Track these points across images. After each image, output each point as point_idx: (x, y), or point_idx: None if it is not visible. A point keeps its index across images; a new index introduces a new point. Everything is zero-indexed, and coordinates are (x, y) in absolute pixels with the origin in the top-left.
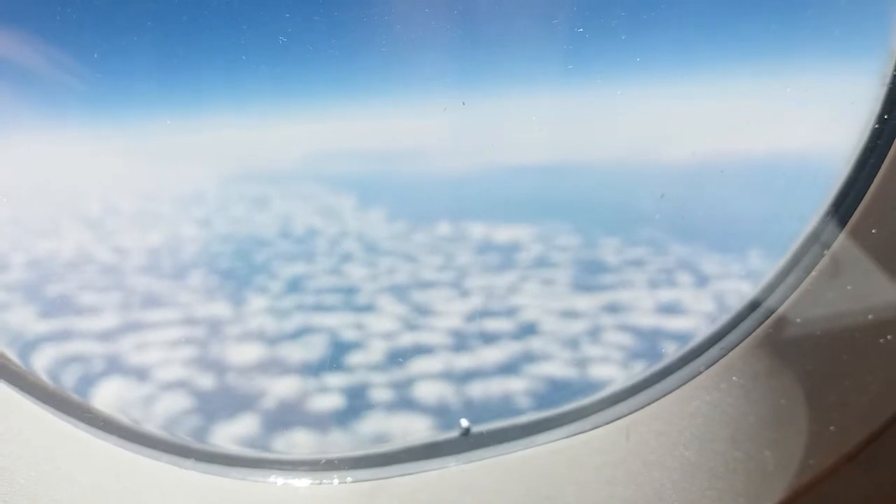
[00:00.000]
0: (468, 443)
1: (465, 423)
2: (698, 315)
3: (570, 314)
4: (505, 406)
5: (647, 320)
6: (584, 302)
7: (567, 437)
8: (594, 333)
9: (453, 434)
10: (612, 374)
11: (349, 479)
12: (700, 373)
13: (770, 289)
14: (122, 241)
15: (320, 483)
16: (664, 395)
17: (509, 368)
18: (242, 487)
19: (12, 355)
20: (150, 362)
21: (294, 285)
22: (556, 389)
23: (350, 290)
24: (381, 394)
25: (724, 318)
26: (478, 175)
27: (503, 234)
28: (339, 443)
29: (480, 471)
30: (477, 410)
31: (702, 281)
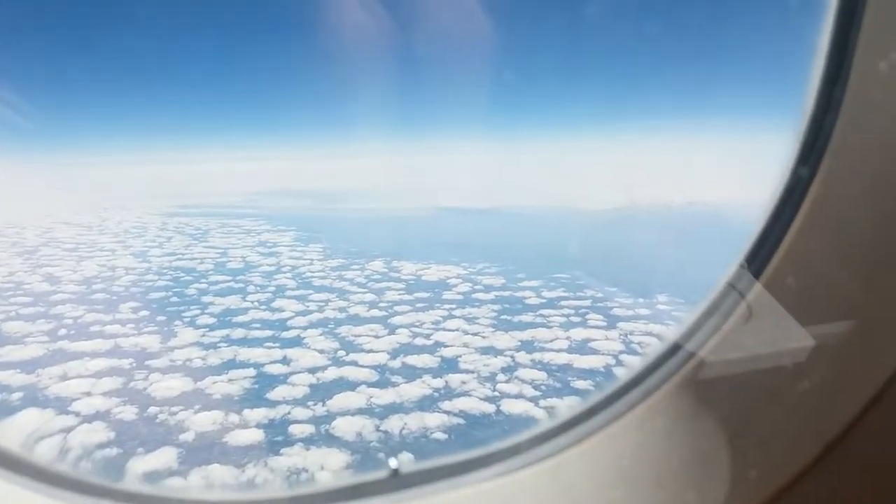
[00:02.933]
0: (397, 483)
1: (393, 463)
2: (608, 355)
3: (490, 350)
4: (421, 442)
5: (560, 358)
6: (504, 339)
7: (495, 477)
8: (510, 370)
9: (382, 474)
10: (525, 409)
11: None
12: (625, 413)
13: (690, 333)
14: (56, 270)
15: None
16: (591, 435)
17: (428, 404)
18: None
19: None
20: (71, 393)
21: (224, 319)
22: (472, 425)
23: (280, 325)
24: (301, 429)
25: (646, 361)
26: (414, 216)
27: (433, 273)
28: (258, 480)
29: None
30: (395, 446)
31: (612, 322)
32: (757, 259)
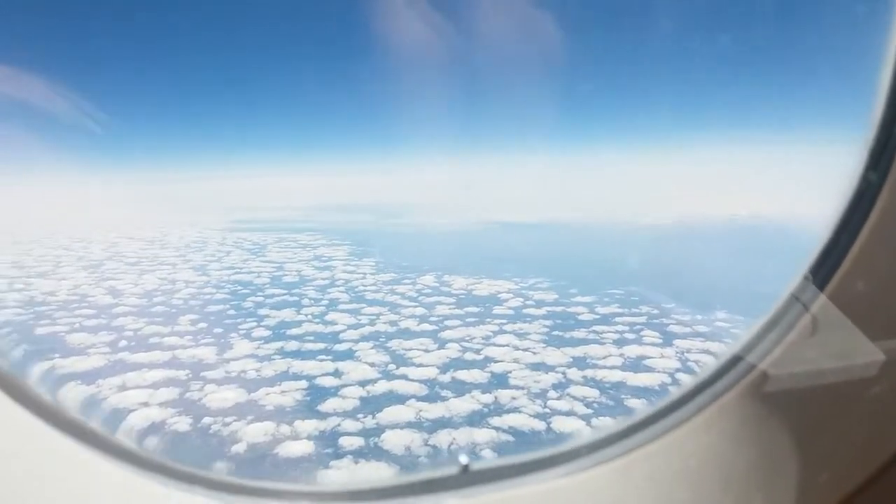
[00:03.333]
0: (466, 479)
1: (464, 459)
2: (663, 372)
3: (540, 367)
4: (470, 458)
5: (614, 375)
6: (555, 356)
7: (564, 476)
8: (562, 386)
9: (452, 470)
10: (576, 427)
11: None
12: (693, 416)
13: (755, 342)
14: (118, 284)
15: None
16: (658, 437)
17: (477, 419)
18: None
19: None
20: (129, 404)
21: (279, 331)
22: (521, 442)
23: (332, 338)
24: (350, 441)
25: (714, 366)
26: (467, 230)
27: (484, 288)
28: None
29: None
30: (443, 461)
31: (668, 339)
32: (822, 270)
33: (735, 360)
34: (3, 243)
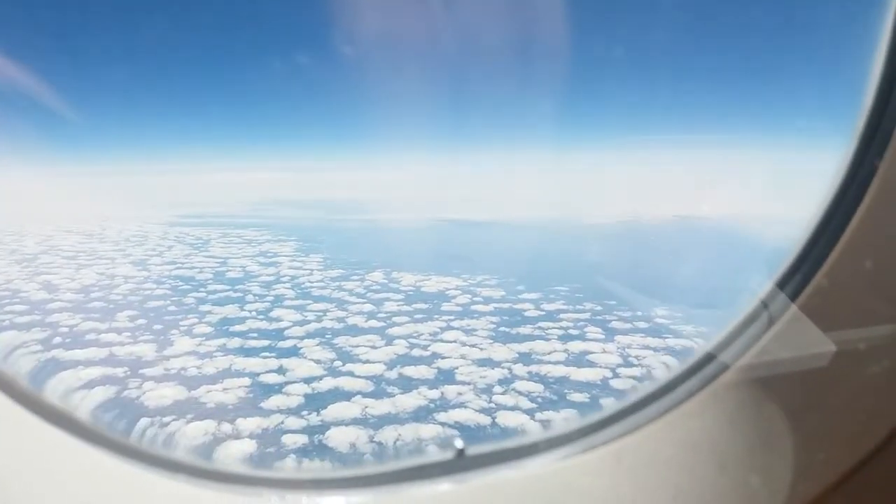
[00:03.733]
0: (462, 464)
1: (459, 444)
2: (605, 368)
3: (487, 362)
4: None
5: (558, 370)
6: (501, 351)
7: (559, 460)
8: (507, 382)
9: (448, 455)
10: (521, 421)
11: (346, 497)
12: (687, 399)
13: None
14: (54, 278)
15: (317, 501)
16: (653, 420)
17: (423, 415)
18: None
19: None
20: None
21: (222, 328)
22: (466, 437)
23: (277, 335)
24: (294, 439)
25: (707, 347)
26: (417, 228)
27: (433, 284)
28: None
29: (474, 491)
30: (389, 457)
31: (610, 335)
32: (794, 278)
33: (733, 336)
34: None
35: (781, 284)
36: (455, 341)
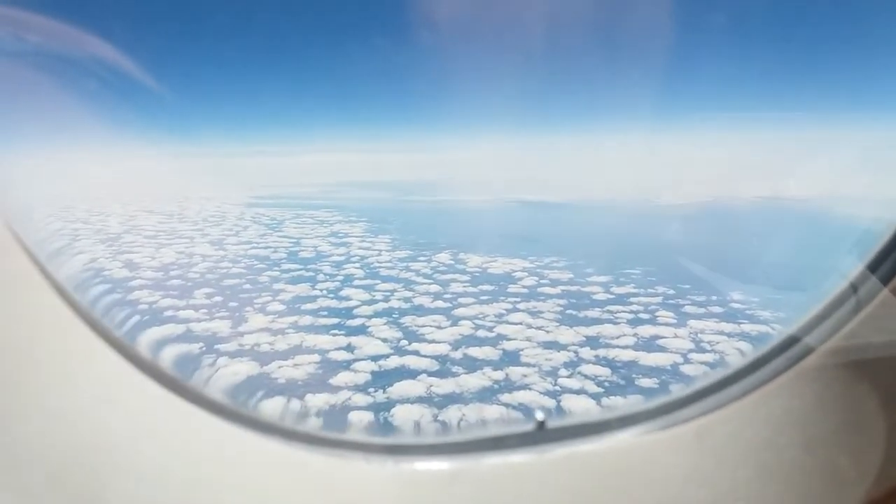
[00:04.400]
0: (542, 436)
1: (540, 416)
2: (676, 353)
3: (553, 345)
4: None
5: (626, 355)
6: (568, 334)
7: (640, 435)
8: (573, 365)
9: (528, 426)
10: (586, 405)
11: (428, 463)
12: (774, 377)
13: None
14: (135, 257)
15: (401, 466)
16: (737, 399)
17: (487, 396)
18: (328, 466)
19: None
20: None
21: (294, 306)
22: (529, 419)
23: (346, 313)
24: (360, 416)
25: (795, 326)
26: (486, 208)
27: (499, 266)
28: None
29: (553, 464)
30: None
31: (682, 320)
32: (886, 261)
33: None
34: (21, 217)
35: (872, 267)
36: (521, 323)
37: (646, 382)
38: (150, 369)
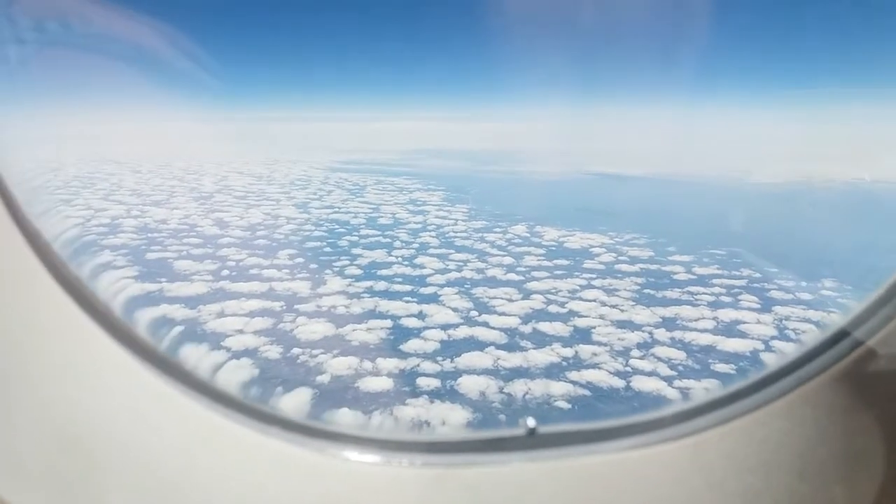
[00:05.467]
0: (533, 442)
1: (531, 422)
2: (758, 339)
3: (627, 325)
4: (544, 409)
5: (704, 339)
6: (644, 314)
7: (631, 448)
8: (646, 346)
9: (519, 431)
10: (657, 387)
11: (418, 462)
12: (774, 400)
13: (858, 322)
14: (225, 216)
15: (391, 462)
16: (735, 418)
17: (555, 372)
18: (320, 459)
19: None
20: (226, 330)
21: (370, 271)
22: (597, 397)
23: (420, 281)
24: (428, 382)
25: (804, 347)
26: (566, 181)
27: (577, 241)
28: (382, 426)
29: (543, 471)
30: (517, 409)
31: (767, 305)
32: None
33: (835, 337)
34: (124, 172)
35: None
36: (595, 300)
37: (722, 368)
38: (155, 359)
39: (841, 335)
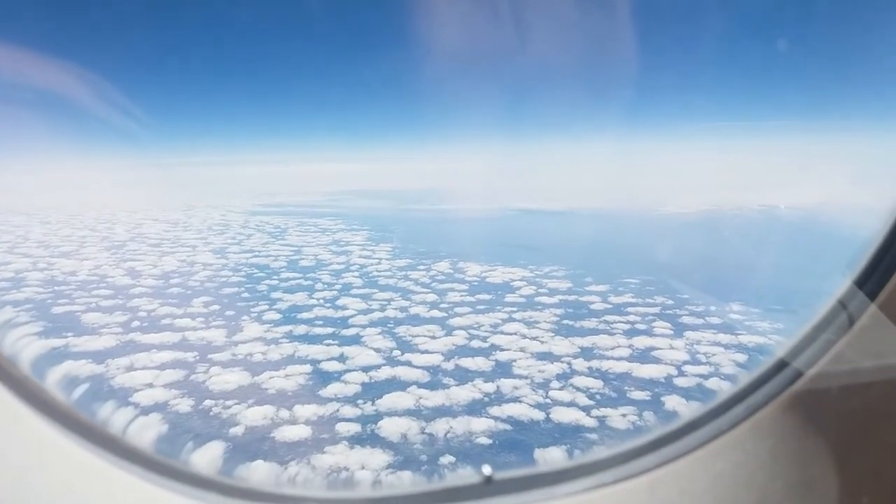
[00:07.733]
0: (490, 490)
1: (487, 470)
2: (671, 364)
3: (546, 356)
4: (465, 447)
5: (620, 367)
6: (563, 345)
7: (587, 490)
8: (565, 377)
9: (475, 480)
10: (576, 418)
11: None
12: (726, 432)
13: (801, 347)
14: (138, 265)
15: None
16: (688, 452)
17: (477, 408)
18: None
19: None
20: (134, 384)
21: (290, 315)
22: (518, 431)
23: (342, 322)
24: (348, 427)
25: (751, 376)
26: (488, 217)
27: (498, 275)
28: (299, 479)
29: None
30: (439, 449)
31: (679, 331)
32: (875, 274)
33: (780, 365)
34: (32, 223)
35: (860, 282)
36: (516, 333)
37: (638, 395)
38: (60, 417)
39: (786, 361)
